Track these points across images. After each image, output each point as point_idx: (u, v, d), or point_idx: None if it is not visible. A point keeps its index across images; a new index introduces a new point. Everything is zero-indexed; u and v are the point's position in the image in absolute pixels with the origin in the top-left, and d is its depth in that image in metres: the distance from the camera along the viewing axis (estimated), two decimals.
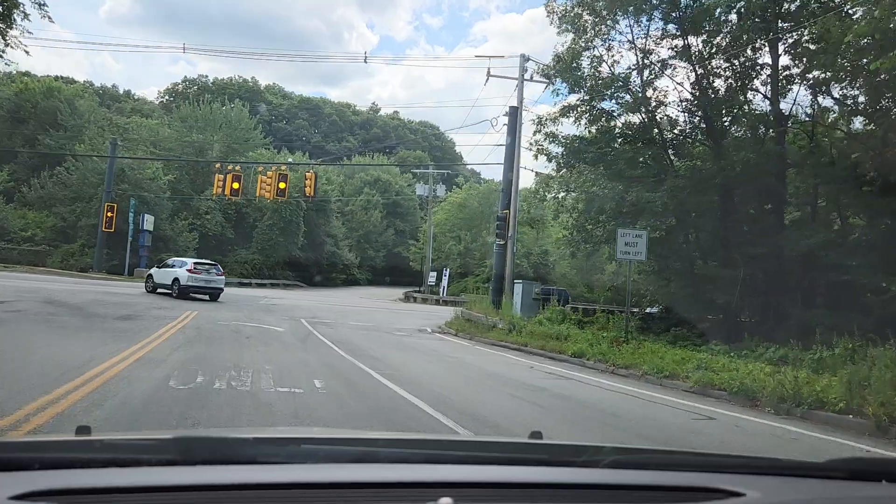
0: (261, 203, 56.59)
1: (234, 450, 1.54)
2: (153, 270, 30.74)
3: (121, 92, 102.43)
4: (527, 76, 27.69)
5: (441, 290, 47.04)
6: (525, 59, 27.85)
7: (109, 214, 40.92)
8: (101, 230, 41.38)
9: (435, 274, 48.41)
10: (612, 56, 24.00)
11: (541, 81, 27.89)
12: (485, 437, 5.15)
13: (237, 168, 34.80)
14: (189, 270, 27.52)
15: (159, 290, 28.49)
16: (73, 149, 45.91)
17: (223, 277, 29.42)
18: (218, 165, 35.65)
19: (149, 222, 43.94)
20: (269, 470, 1.42)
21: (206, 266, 28.79)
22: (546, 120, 23.64)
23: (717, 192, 22.34)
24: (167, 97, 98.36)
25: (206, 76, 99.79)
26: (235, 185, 33.71)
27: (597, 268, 52.58)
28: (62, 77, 75.39)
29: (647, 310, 27.85)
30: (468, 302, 26.66)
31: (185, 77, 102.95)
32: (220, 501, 1.26)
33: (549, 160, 24.16)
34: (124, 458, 1.38)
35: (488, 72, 28.27)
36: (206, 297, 27.65)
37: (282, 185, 32.53)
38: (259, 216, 56.23)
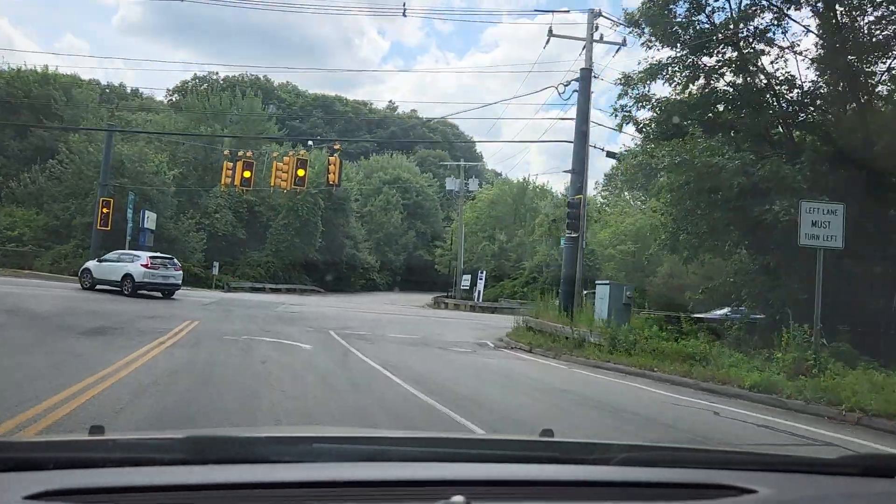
0: (275, 201, 52.05)
1: (245, 449, 1.51)
2: (91, 264, 26.65)
3: (128, 91, 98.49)
4: (595, 36, 22.81)
5: (476, 294, 42.09)
6: (595, 14, 22.99)
7: (105, 210, 36.28)
8: (95, 228, 36.75)
9: (469, 277, 43.48)
10: (712, 2, 19.15)
11: (612, 43, 23.08)
12: (496, 436, 4.69)
13: (248, 154, 30.12)
14: (145, 265, 24.62)
15: (99, 287, 25.05)
16: (68, 138, 41.42)
17: (181, 273, 26.81)
18: (227, 152, 30.99)
19: (151, 220, 39.28)
20: (281, 469, 1.39)
21: (163, 260, 26.02)
22: (635, 80, 18.72)
23: (862, 167, 17.35)
24: (176, 95, 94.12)
25: (217, 73, 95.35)
26: (247, 174, 29.03)
27: (646, 269, 47.52)
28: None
29: (719, 313, 23.77)
30: (533, 309, 21.77)
31: (195, 75, 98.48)
32: (232, 500, 1.24)
33: (640, 130, 19.28)
34: (137, 458, 1.37)
35: (550, 31, 23.34)
36: (160, 295, 24.93)
37: (300, 173, 27.83)
38: (273, 215, 51.56)
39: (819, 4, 17.66)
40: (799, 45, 18.62)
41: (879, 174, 17.38)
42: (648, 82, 18.96)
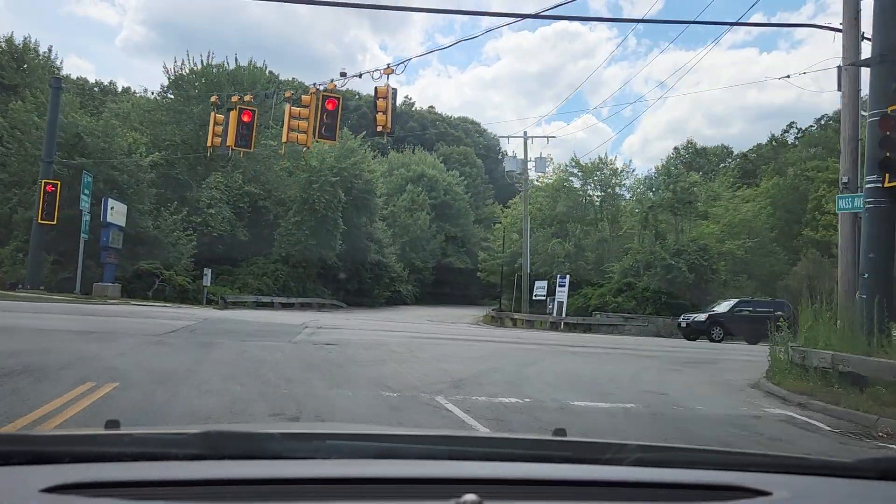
0: (283, 193, 41.72)
1: (260, 445, 1.52)
2: None
3: (119, 90, 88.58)
4: None
5: (555, 308, 31.41)
6: None
7: (49, 196, 26.00)
8: (36, 222, 26.50)
9: (544, 285, 32.76)
10: None
11: None
12: (509, 434, 4.38)
13: (248, 97, 19.75)
14: None
15: None
16: (8, 109, 31.07)
17: None
18: (215, 98, 20.66)
19: (118, 213, 28.97)
20: (295, 465, 1.39)
21: None
22: None
23: None
24: (170, 91, 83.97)
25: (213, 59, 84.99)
26: (245, 118, 18.77)
27: (766, 268, 36.81)
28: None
29: None
30: (803, 326, 11.10)
31: (192, 69, 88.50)
32: (246, 495, 1.24)
33: None
34: (152, 452, 1.38)
35: None
36: None
37: (330, 107, 17.58)
38: (282, 212, 41.10)
39: None
40: None
41: None
42: None
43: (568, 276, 31.28)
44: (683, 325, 25.69)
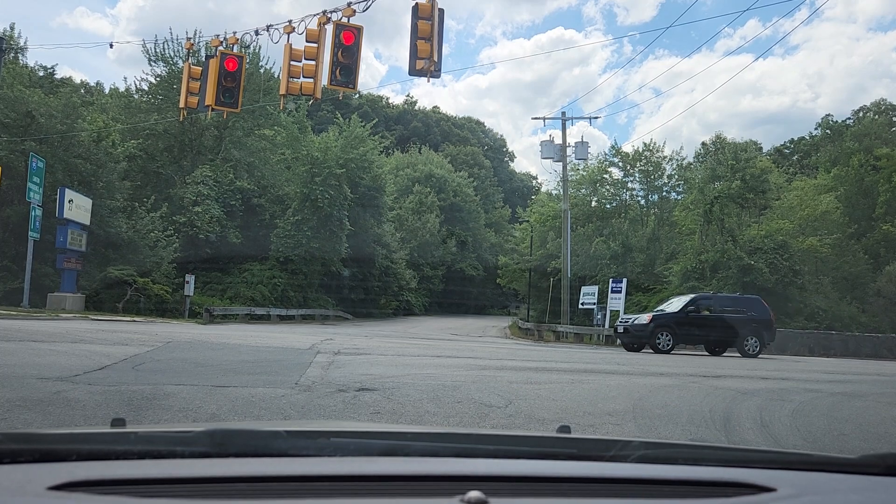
0: (281, 190, 36.60)
1: (266, 442, 1.51)
2: None
3: (106, 91, 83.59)
4: None
5: (606, 318, 26.25)
6: None
7: None
8: None
9: (593, 291, 27.60)
10: None
11: None
12: (514, 432, 4.09)
13: (232, 38, 14.59)
14: None
15: None
16: None
17: None
18: (189, 44, 15.51)
19: (79, 209, 23.76)
20: (300, 462, 1.39)
21: None
22: None
23: None
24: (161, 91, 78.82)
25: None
26: (230, 66, 13.69)
27: (853, 272, 31.65)
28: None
29: None
30: None
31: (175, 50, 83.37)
32: (251, 493, 1.24)
33: None
34: (159, 450, 1.38)
35: None
36: None
37: (348, 40, 12.43)
38: (279, 210, 35.97)
39: None
40: None
41: None
42: None
43: (625, 280, 26.10)
44: (621, 330, 20.21)
